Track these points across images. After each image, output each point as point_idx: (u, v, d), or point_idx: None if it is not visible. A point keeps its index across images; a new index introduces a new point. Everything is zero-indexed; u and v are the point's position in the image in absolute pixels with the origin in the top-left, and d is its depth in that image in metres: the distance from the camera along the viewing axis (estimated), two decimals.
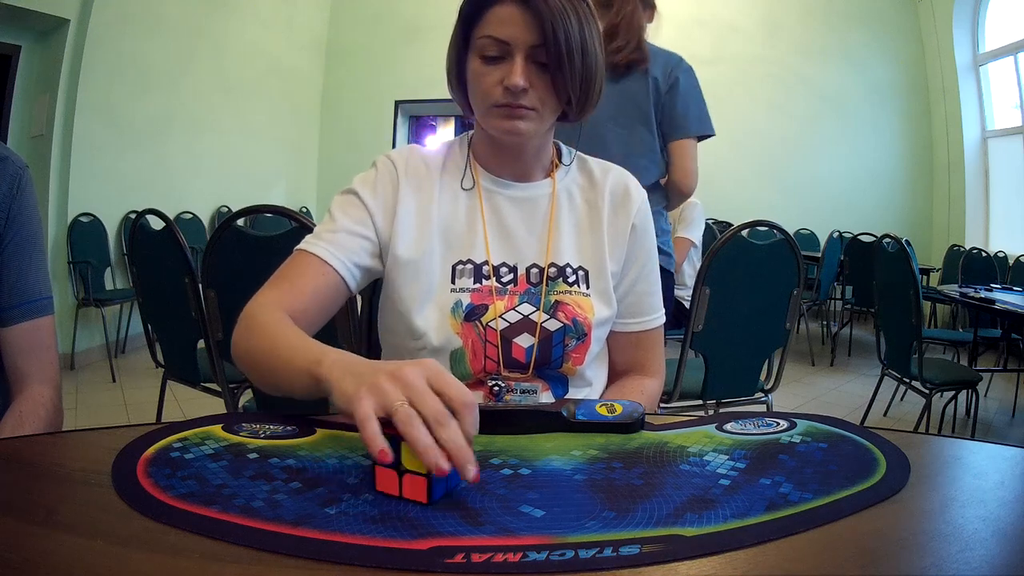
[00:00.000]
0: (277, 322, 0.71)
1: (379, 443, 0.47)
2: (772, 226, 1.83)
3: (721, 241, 1.75)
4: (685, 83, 1.75)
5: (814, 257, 4.53)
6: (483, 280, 0.84)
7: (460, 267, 0.84)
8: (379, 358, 0.96)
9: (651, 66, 1.73)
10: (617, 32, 1.73)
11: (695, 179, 1.78)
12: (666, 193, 1.82)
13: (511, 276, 0.85)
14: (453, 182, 0.88)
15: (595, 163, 0.94)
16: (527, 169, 0.89)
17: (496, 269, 0.85)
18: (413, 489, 0.49)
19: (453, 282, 0.84)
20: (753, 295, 1.82)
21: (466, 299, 0.83)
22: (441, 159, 0.90)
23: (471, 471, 0.47)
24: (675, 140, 1.76)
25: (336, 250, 0.80)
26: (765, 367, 1.94)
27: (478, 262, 0.85)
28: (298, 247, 0.82)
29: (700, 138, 1.79)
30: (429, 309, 0.82)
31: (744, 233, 1.77)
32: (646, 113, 1.75)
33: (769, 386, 1.95)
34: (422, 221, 0.85)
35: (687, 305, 2.94)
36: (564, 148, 0.94)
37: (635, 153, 1.74)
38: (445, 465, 0.46)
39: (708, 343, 1.81)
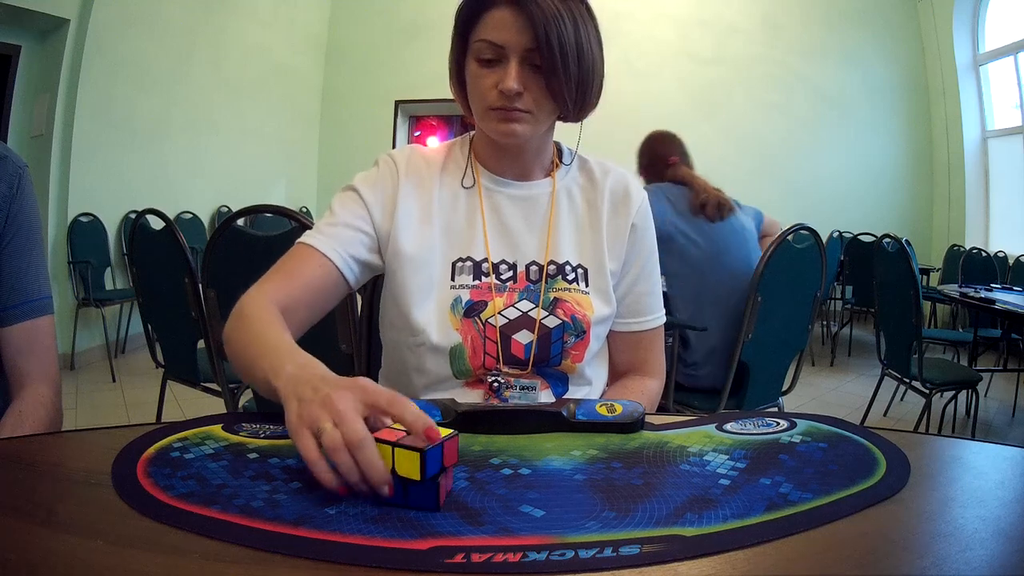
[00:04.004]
0: (261, 316, 0.71)
1: (332, 480, 0.48)
2: (808, 230, 1.83)
3: (772, 247, 1.74)
4: None
5: None
6: (482, 277, 0.84)
7: (460, 264, 0.85)
8: (380, 356, 0.97)
9: None
10: None
11: None
12: None
13: (510, 273, 0.86)
14: (453, 181, 0.89)
15: (595, 163, 0.94)
16: (527, 168, 0.89)
17: (495, 266, 0.85)
18: (419, 496, 0.49)
19: (453, 279, 0.84)
20: (790, 299, 1.82)
21: (465, 295, 0.83)
22: (442, 158, 0.90)
23: (383, 491, 0.48)
24: None
25: (335, 243, 0.81)
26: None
27: (478, 259, 0.85)
28: (298, 240, 0.82)
29: None
30: (429, 306, 0.83)
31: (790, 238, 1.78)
32: None
33: (786, 388, 1.95)
34: (423, 218, 0.86)
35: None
36: (565, 148, 0.94)
37: None
38: (364, 488, 0.48)
39: (752, 352, 1.77)
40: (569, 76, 0.77)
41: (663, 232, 1.81)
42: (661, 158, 1.95)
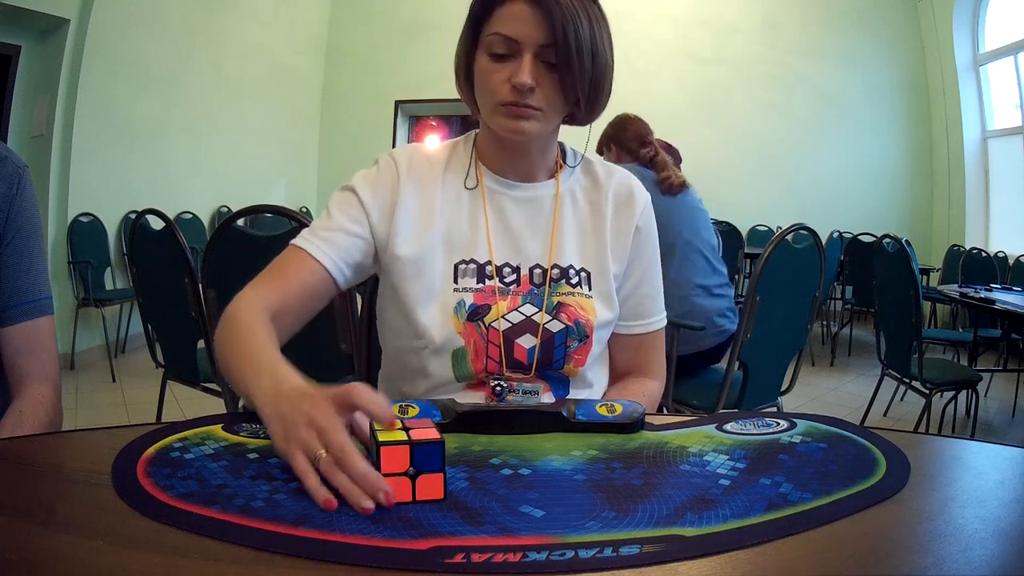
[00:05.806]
0: (251, 325, 0.72)
1: (322, 495, 0.48)
2: (807, 230, 1.83)
3: (771, 248, 1.74)
4: None
5: None
6: (486, 280, 0.84)
7: (463, 267, 0.84)
8: (379, 358, 0.97)
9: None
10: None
11: None
12: None
13: (514, 276, 0.85)
14: (456, 181, 0.88)
15: (599, 165, 0.94)
16: (531, 169, 0.89)
17: (499, 269, 0.85)
18: (426, 489, 0.50)
19: (456, 281, 0.84)
20: (789, 300, 1.82)
21: (469, 299, 0.83)
22: (444, 158, 0.90)
23: (378, 499, 0.48)
24: None
25: (329, 248, 0.81)
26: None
27: (481, 262, 0.85)
28: (293, 241, 0.82)
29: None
30: (432, 308, 0.82)
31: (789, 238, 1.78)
32: None
33: (785, 388, 1.95)
34: (424, 220, 0.85)
35: None
36: (569, 149, 0.94)
37: None
38: (367, 503, 0.47)
39: (750, 352, 1.76)
40: (583, 74, 0.77)
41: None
42: (641, 137, 2.08)
